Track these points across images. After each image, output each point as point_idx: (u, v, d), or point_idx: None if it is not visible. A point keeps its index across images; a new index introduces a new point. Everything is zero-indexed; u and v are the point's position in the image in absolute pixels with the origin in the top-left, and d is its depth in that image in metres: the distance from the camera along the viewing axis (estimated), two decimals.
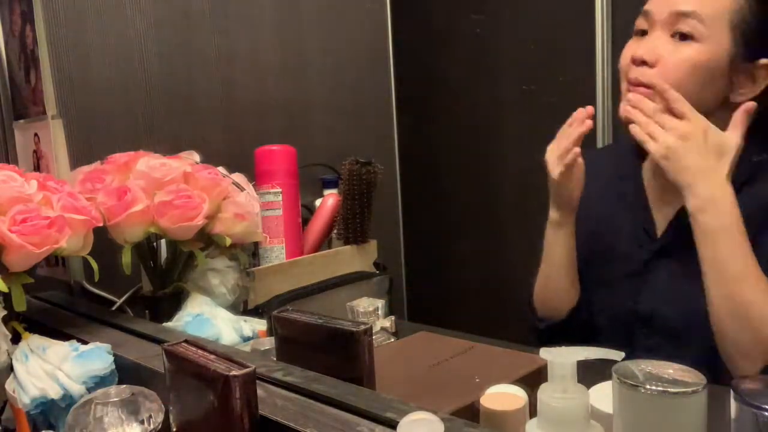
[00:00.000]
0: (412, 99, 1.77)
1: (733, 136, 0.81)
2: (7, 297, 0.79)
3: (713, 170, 0.79)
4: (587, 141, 1.44)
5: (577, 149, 0.91)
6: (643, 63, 0.85)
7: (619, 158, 1.03)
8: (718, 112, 0.86)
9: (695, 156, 0.80)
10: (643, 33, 0.89)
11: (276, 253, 1.13)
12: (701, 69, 0.84)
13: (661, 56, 0.85)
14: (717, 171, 0.79)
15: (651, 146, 0.82)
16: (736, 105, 0.84)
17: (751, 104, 0.82)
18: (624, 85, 0.90)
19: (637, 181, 0.98)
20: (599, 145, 1.44)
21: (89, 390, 0.72)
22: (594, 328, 0.99)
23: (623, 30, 1.35)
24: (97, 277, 0.85)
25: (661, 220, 0.94)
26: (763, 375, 0.42)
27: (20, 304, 0.79)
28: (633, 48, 0.89)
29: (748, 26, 0.84)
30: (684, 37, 0.84)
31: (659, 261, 0.92)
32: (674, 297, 0.88)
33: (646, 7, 0.89)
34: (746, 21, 0.84)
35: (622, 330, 0.93)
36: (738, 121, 0.81)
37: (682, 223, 0.87)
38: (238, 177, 1.02)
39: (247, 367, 0.53)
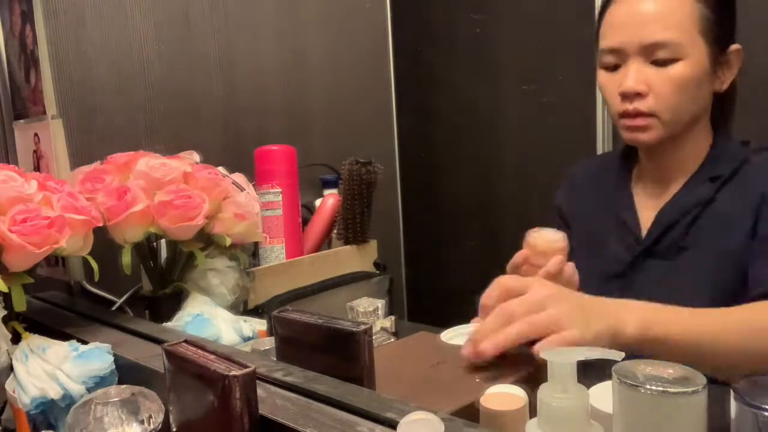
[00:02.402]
0: (412, 99, 1.77)
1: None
2: (7, 297, 0.79)
3: (604, 303, 0.72)
4: (587, 147, 1.45)
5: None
6: (637, 95, 0.86)
7: (610, 166, 1.04)
8: (705, 110, 0.89)
9: (589, 304, 0.70)
10: (615, 67, 0.89)
11: (276, 253, 1.13)
12: (692, 83, 0.85)
13: (652, 84, 0.85)
14: (605, 301, 0.72)
15: (570, 336, 0.65)
16: (717, 93, 0.89)
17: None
18: (616, 117, 0.90)
19: (627, 188, 0.99)
20: (599, 146, 1.44)
21: (89, 390, 0.72)
22: None
23: None
24: (97, 277, 0.85)
25: (645, 222, 0.94)
26: (763, 375, 0.42)
27: (20, 304, 0.79)
28: (615, 82, 0.88)
29: (711, 23, 0.85)
30: (665, 62, 0.84)
31: (644, 262, 0.91)
32: (659, 297, 0.88)
33: (609, 44, 0.88)
34: (708, 20, 0.85)
35: None
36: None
37: (661, 222, 0.90)
38: (238, 177, 1.02)
39: (247, 367, 0.52)
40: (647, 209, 0.95)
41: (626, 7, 0.87)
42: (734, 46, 0.88)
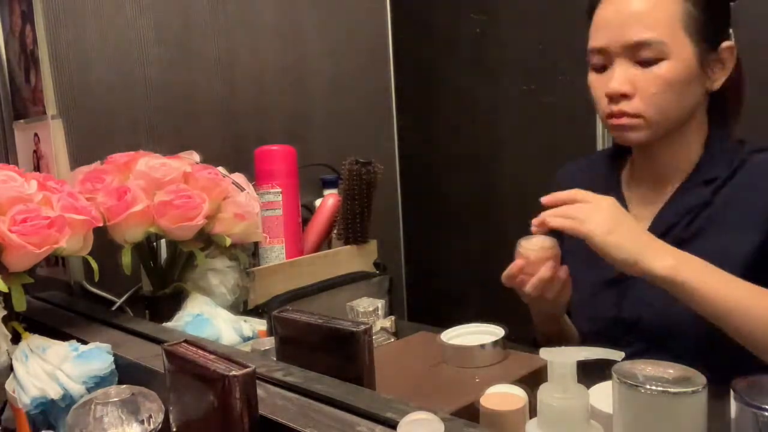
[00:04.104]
0: (412, 99, 1.77)
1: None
2: (7, 297, 0.79)
3: (650, 236, 0.79)
4: (587, 147, 1.45)
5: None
6: (622, 96, 0.85)
7: (598, 168, 1.04)
8: (698, 109, 0.88)
9: (630, 225, 0.79)
10: (603, 67, 0.88)
11: (276, 253, 1.13)
12: (678, 83, 0.84)
13: (637, 84, 0.85)
14: (651, 236, 0.80)
15: (585, 228, 0.79)
16: (712, 92, 0.87)
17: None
18: (604, 117, 0.90)
19: (618, 191, 0.98)
20: (599, 146, 1.44)
21: (89, 390, 0.72)
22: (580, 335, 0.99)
23: None
24: (97, 277, 0.85)
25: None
26: (763, 375, 0.42)
27: (20, 304, 0.79)
28: (602, 83, 0.88)
29: (698, 22, 0.84)
30: (650, 62, 0.84)
31: None
32: (656, 302, 0.87)
33: (595, 44, 0.88)
34: (695, 18, 0.84)
35: (605, 337, 0.92)
36: None
37: (659, 226, 0.89)
38: (238, 177, 1.02)
39: (247, 367, 0.53)
40: (642, 212, 0.93)
41: (611, 6, 0.86)
42: (726, 44, 0.86)
